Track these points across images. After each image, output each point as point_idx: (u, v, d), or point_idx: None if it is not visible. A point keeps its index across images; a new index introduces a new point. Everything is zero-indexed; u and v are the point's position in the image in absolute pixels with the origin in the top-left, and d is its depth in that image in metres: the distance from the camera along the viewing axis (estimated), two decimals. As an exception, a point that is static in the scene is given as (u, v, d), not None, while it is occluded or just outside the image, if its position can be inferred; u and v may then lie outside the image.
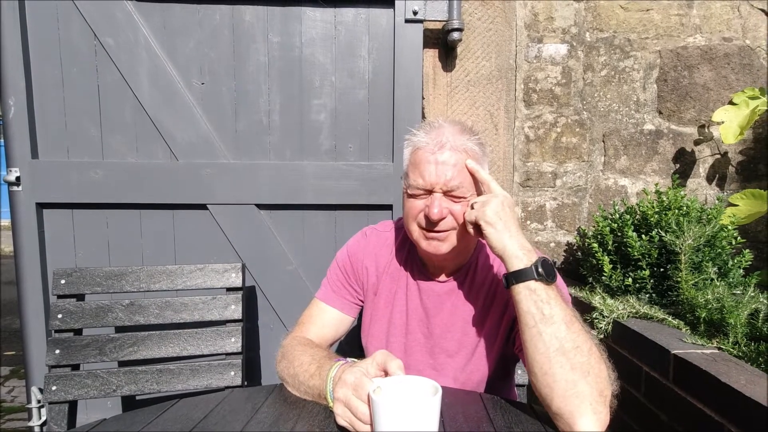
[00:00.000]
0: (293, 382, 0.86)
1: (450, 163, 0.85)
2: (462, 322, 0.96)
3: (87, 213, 1.60)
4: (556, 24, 1.74)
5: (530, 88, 1.75)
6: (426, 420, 0.61)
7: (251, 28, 1.58)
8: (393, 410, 0.61)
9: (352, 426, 0.70)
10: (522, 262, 0.77)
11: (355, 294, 1.04)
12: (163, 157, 1.60)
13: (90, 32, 1.53)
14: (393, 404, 0.63)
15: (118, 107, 1.57)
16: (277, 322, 1.67)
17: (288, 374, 0.88)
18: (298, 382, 0.85)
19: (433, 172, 0.85)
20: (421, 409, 0.62)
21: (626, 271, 1.43)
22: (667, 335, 1.15)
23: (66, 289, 1.30)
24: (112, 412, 1.64)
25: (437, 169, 0.85)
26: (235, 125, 1.61)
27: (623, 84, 1.77)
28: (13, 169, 1.52)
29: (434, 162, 0.85)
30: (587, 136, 1.78)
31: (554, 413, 0.72)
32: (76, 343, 1.27)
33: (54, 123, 1.56)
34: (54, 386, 1.23)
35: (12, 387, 2.81)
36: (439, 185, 0.85)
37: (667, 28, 1.75)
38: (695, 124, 1.77)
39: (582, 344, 0.72)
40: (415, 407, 0.62)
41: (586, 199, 1.80)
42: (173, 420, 0.78)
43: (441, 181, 0.85)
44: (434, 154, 0.86)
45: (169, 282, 1.35)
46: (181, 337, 1.31)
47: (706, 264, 1.28)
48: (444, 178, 0.85)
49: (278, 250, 1.64)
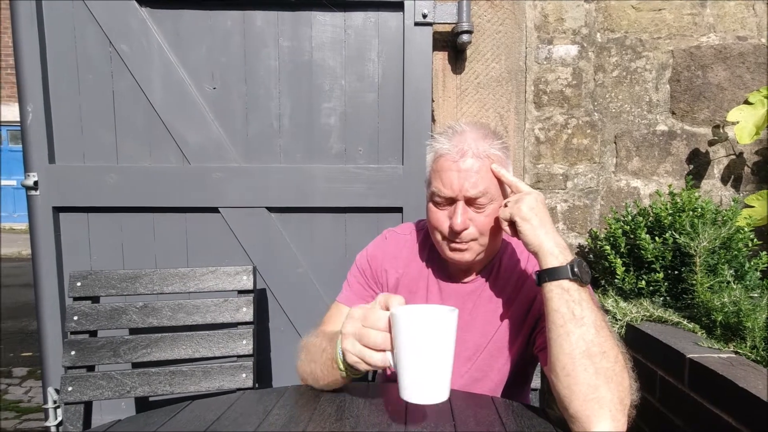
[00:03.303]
0: (310, 369, 0.86)
1: (473, 170, 0.84)
2: (482, 323, 0.95)
3: (102, 216, 1.62)
4: (566, 25, 1.73)
5: (540, 90, 1.74)
6: (445, 336, 0.62)
7: (262, 33, 1.59)
8: (415, 325, 0.62)
9: (362, 358, 0.67)
10: (557, 260, 0.75)
11: (375, 296, 1.03)
12: (176, 161, 1.62)
13: (105, 39, 1.56)
14: (415, 319, 0.63)
15: (132, 112, 1.60)
16: (288, 325, 1.68)
17: (306, 361, 0.87)
18: (314, 364, 0.84)
19: (456, 180, 0.84)
20: (441, 325, 0.62)
21: (639, 273, 1.41)
22: (682, 339, 1.13)
23: (82, 291, 1.32)
24: (125, 413, 1.66)
25: (459, 178, 0.84)
26: (246, 129, 1.63)
27: (635, 84, 1.75)
28: (31, 173, 1.56)
29: (456, 170, 0.84)
30: (598, 138, 1.76)
31: (571, 416, 0.71)
32: (92, 344, 1.29)
33: (70, 128, 1.59)
34: (70, 387, 1.25)
35: (29, 387, 2.86)
36: (462, 194, 0.84)
37: (679, 28, 1.73)
38: (709, 125, 1.75)
39: (609, 350, 0.71)
40: (435, 322, 0.62)
41: (598, 201, 1.78)
42: (186, 422, 0.79)
43: (463, 190, 0.84)
44: (456, 162, 0.84)
45: (181, 284, 1.37)
46: (193, 339, 1.33)
47: (722, 266, 1.26)
48: (466, 186, 0.84)
49: (288, 252, 1.65)
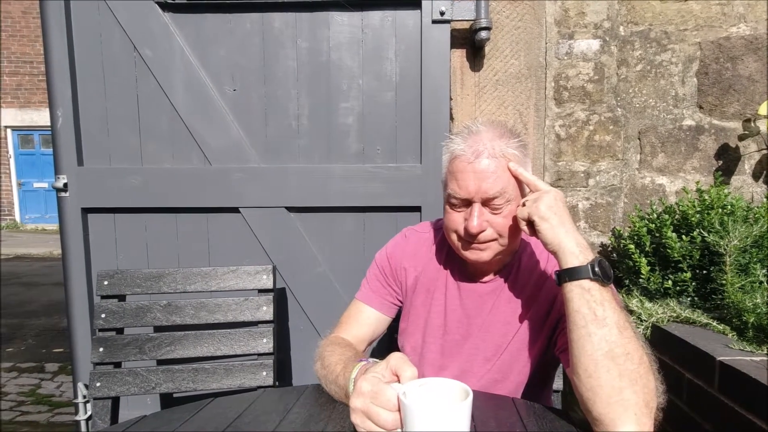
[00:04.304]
0: (324, 382, 0.88)
1: (489, 170, 0.83)
2: (502, 323, 0.93)
3: (127, 217, 1.67)
4: (587, 19, 1.69)
5: (561, 86, 1.71)
6: (459, 423, 0.60)
7: (280, 34, 1.61)
8: (426, 413, 0.60)
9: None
10: (578, 259, 0.74)
11: (394, 294, 1.04)
12: (198, 162, 1.65)
13: (130, 44, 1.60)
14: (426, 407, 0.61)
15: (156, 115, 1.64)
16: (307, 324, 1.70)
17: (320, 375, 0.90)
18: (328, 382, 0.86)
19: (471, 182, 0.83)
20: (455, 413, 0.60)
21: (665, 273, 1.37)
22: (711, 341, 1.10)
23: (109, 290, 1.36)
24: (150, 408, 1.70)
25: (475, 179, 0.83)
26: (266, 130, 1.65)
27: (660, 78, 1.70)
28: (61, 176, 1.61)
29: (472, 171, 0.83)
30: (621, 134, 1.72)
31: (595, 418, 0.69)
32: (118, 341, 1.33)
33: (98, 132, 1.64)
34: (98, 383, 1.29)
35: (60, 383, 2.97)
36: (479, 196, 0.83)
37: (707, 19, 1.67)
38: (739, 119, 1.68)
39: (633, 352, 0.69)
40: (449, 411, 0.61)
41: (621, 198, 1.74)
42: (208, 418, 0.81)
43: (480, 191, 0.83)
44: (471, 164, 0.83)
45: (203, 283, 1.40)
46: (215, 337, 1.35)
47: (754, 266, 1.21)
48: (483, 188, 0.83)
49: (308, 252, 1.67)
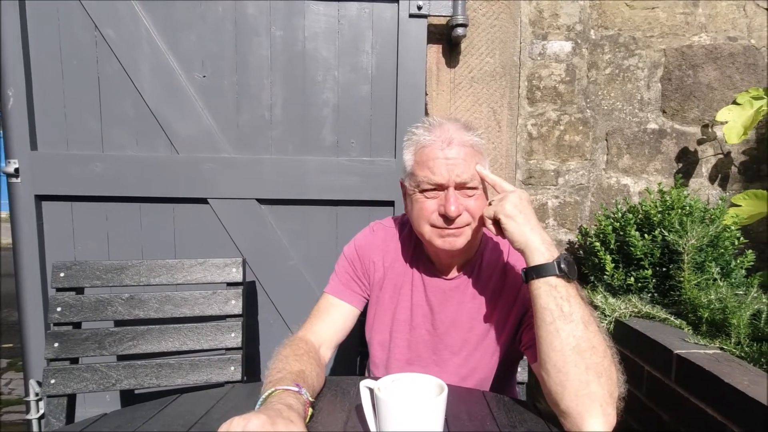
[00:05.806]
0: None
1: (459, 157, 0.86)
2: (467, 318, 0.95)
3: (86, 206, 1.58)
4: (560, 21, 1.73)
5: (534, 86, 1.74)
6: (433, 418, 0.60)
7: (254, 21, 1.56)
8: (400, 409, 0.60)
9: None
10: (544, 256, 0.76)
11: (362, 287, 1.04)
12: (164, 151, 1.58)
13: (91, 23, 1.51)
14: (400, 403, 0.61)
15: (119, 100, 1.55)
16: (277, 318, 1.67)
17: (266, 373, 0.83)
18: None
19: (444, 167, 0.85)
20: (428, 408, 0.60)
21: (628, 270, 1.43)
22: (669, 335, 1.15)
23: (65, 282, 1.29)
24: (110, 406, 1.64)
25: (448, 165, 0.85)
26: (237, 119, 1.60)
27: (627, 82, 1.76)
28: (12, 160, 1.51)
29: (444, 158, 0.86)
30: (590, 135, 1.77)
31: (562, 411, 0.71)
32: (75, 336, 1.26)
33: (53, 114, 1.54)
34: (53, 379, 1.22)
35: (9, 380, 2.81)
36: (452, 180, 0.85)
37: (672, 27, 1.74)
38: (699, 124, 1.77)
39: (598, 345, 0.72)
40: (423, 406, 0.61)
41: (588, 197, 1.80)
42: (175, 416, 0.78)
43: (453, 176, 0.85)
44: (443, 151, 0.86)
45: (169, 276, 1.34)
46: (181, 332, 1.31)
47: (709, 264, 1.28)
48: (456, 172, 0.85)
49: (279, 245, 1.63)
